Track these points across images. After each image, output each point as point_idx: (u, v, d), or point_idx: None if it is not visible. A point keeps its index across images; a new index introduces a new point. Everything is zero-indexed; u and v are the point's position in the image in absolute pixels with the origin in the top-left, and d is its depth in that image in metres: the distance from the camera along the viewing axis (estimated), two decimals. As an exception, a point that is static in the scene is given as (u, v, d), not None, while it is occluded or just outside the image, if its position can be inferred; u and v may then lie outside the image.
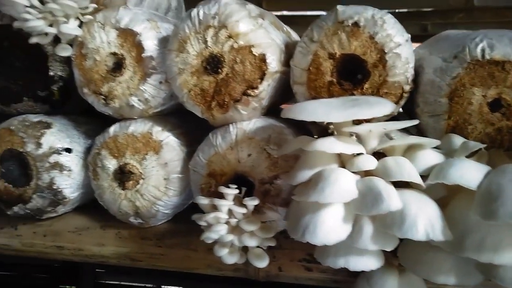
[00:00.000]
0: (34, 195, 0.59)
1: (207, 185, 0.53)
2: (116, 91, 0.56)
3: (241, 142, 0.51)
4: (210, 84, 0.51)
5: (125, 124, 0.58)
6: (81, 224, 0.64)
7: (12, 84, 0.61)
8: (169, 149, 0.56)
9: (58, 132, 0.60)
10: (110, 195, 0.58)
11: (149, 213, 0.58)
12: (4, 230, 0.65)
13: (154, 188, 0.56)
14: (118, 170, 0.57)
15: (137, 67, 0.56)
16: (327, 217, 0.37)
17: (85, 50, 0.56)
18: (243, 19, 0.49)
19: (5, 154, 0.59)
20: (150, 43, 0.55)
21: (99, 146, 0.58)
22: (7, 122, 0.60)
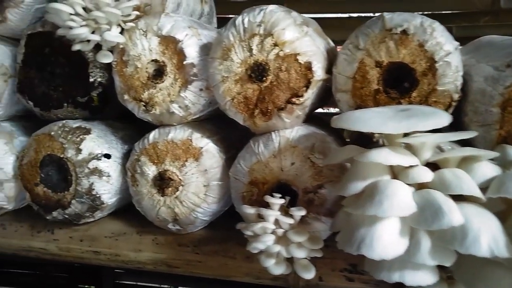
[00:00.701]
0: (73, 200, 0.59)
1: (249, 193, 0.53)
2: (156, 98, 0.56)
3: (284, 151, 0.51)
4: (254, 92, 0.51)
5: (165, 131, 0.58)
6: (117, 229, 0.64)
7: (52, 90, 0.61)
8: (209, 156, 0.56)
9: (97, 138, 0.60)
10: (149, 201, 0.58)
11: (188, 220, 0.57)
12: (41, 234, 0.66)
13: (193, 195, 0.56)
14: (158, 176, 0.57)
15: (178, 74, 0.56)
16: (384, 231, 0.37)
17: (126, 57, 0.56)
18: (289, 27, 0.48)
19: (45, 160, 0.60)
20: (191, 50, 0.55)
21: (139, 152, 0.58)
22: (47, 128, 0.61)
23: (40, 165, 0.60)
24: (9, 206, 0.66)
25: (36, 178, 0.60)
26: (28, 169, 0.61)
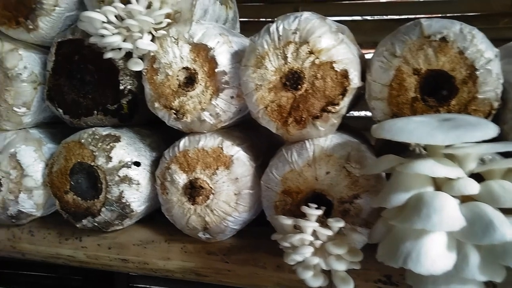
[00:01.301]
0: (103, 208, 0.59)
1: (282, 202, 0.52)
2: (187, 106, 0.56)
3: (319, 160, 0.50)
4: (288, 100, 0.50)
5: (195, 139, 0.57)
6: (145, 237, 0.64)
7: (81, 98, 0.61)
8: (240, 164, 0.56)
9: (126, 146, 0.60)
10: (179, 210, 0.58)
11: (219, 228, 0.57)
12: (69, 241, 0.66)
13: (224, 204, 0.56)
14: (188, 184, 0.57)
15: (209, 82, 0.55)
16: (432, 245, 0.36)
17: (157, 65, 0.56)
18: (325, 35, 0.48)
19: (75, 167, 0.60)
20: (223, 57, 0.55)
21: (169, 160, 0.58)
22: (76, 135, 0.61)
23: (70, 173, 0.60)
24: (37, 213, 0.66)
25: (66, 185, 0.60)
26: (57, 177, 0.61)
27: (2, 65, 0.62)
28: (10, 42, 0.63)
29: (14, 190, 0.63)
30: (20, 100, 0.63)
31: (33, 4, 0.58)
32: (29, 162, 0.63)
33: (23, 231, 0.68)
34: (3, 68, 0.62)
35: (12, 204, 0.64)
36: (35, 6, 0.58)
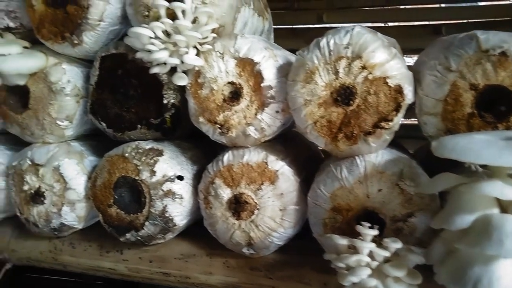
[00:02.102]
0: (146, 222, 0.59)
1: (332, 220, 0.51)
2: (232, 121, 0.56)
3: (371, 176, 0.49)
4: (338, 115, 0.49)
5: (239, 153, 0.57)
6: (187, 250, 0.63)
7: (125, 112, 0.61)
8: (285, 179, 0.55)
9: (169, 159, 0.60)
10: (223, 225, 0.57)
11: (263, 244, 0.56)
12: (110, 254, 0.66)
13: (269, 219, 0.55)
14: (233, 199, 0.56)
15: (254, 96, 0.55)
16: (504, 272, 0.34)
17: (202, 79, 0.56)
18: (378, 49, 0.47)
19: (119, 181, 0.60)
20: (269, 72, 0.54)
21: (213, 174, 0.57)
22: (120, 149, 0.61)
23: (114, 187, 0.60)
24: (79, 226, 0.66)
25: (109, 199, 0.61)
26: (101, 190, 0.61)
27: (47, 79, 0.62)
28: (54, 56, 0.63)
29: (57, 203, 0.64)
30: (63, 114, 0.64)
31: (79, 20, 0.59)
32: (72, 175, 0.63)
33: (64, 243, 0.69)
34: (48, 82, 0.63)
35: (55, 216, 0.64)
36: (81, 21, 0.59)
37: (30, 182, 0.65)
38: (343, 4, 1.79)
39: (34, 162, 0.64)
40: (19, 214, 0.67)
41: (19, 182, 0.66)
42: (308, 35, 1.82)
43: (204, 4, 0.55)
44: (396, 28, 1.71)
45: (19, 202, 0.67)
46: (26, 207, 0.66)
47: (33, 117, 0.64)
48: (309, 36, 1.77)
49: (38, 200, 0.64)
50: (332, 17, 1.80)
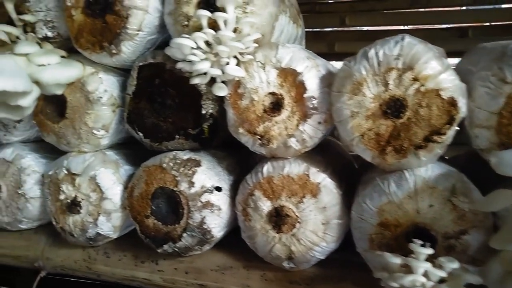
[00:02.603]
0: (184, 234, 0.58)
1: (379, 236, 0.49)
2: (273, 132, 0.54)
3: (421, 191, 0.47)
4: (387, 128, 0.48)
5: (279, 165, 0.56)
6: (223, 262, 0.62)
7: (162, 122, 0.61)
8: (327, 192, 0.54)
9: (207, 170, 0.59)
10: (263, 238, 0.56)
11: (304, 258, 0.55)
12: (145, 264, 0.66)
13: (311, 233, 0.54)
14: (273, 212, 0.55)
15: (296, 107, 0.54)
16: None
17: (242, 90, 0.55)
18: (430, 61, 0.45)
19: (156, 192, 0.59)
20: (312, 82, 0.53)
21: (252, 186, 0.56)
22: (157, 159, 0.60)
23: (151, 197, 0.60)
24: (114, 236, 0.66)
25: (146, 210, 0.60)
26: (138, 201, 0.61)
27: (84, 88, 0.62)
28: (91, 66, 0.63)
29: (93, 213, 0.64)
30: (99, 123, 0.64)
31: (118, 30, 0.58)
32: (108, 184, 0.63)
33: (99, 252, 0.69)
34: (85, 92, 0.62)
35: (91, 226, 0.64)
36: (119, 31, 0.58)
37: (67, 191, 0.65)
38: (365, 7, 1.77)
39: (70, 171, 0.64)
40: (55, 223, 0.67)
41: (55, 191, 0.66)
42: (330, 38, 1.81)
43: (245, 14, 0.54)
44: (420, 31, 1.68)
45: (55, 211, 0.67)
46: (62, 216, 0.66)
47: (70, 127, 0.64)
48: (331, 39, 1.77)
49: (74, 210, 0.64)
50: (355, 20, 1.78)
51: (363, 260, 0.54)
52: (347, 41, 1.72)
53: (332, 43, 1.70)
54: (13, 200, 0.71)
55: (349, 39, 1.73)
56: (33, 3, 0.63)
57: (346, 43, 1.72)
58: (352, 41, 1.73)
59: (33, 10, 0.63)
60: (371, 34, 1.75)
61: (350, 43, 1.72)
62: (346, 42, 1.72)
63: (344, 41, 1.72)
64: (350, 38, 1.73)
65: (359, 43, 1.76)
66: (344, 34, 1.72)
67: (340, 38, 1.71)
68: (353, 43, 1.72)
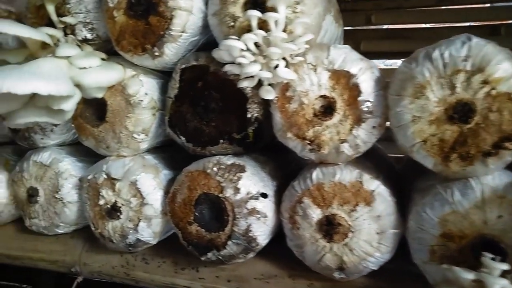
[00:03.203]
0: (229, 241, 0.56)
1: (442, 247, 0.47)
2: (323, 137, 0.52)
3: (489, 201, 0.44)
4: (453, 134, 0.45)
5: (329, 171, 0.53)
6: (267, 270, 0.60)
7: (205, 126, 0.59)
8: (382, 200, 0.51)
9: (252, 176, 0.57)
10: (312, 247, 0.54)
11: (356, 269, 0.53)
12: (185, 271, 0.64)
13: (365, 243, 0.51)
14: (324, 220, 0.53)
15: (349, 111, 0.51)
16: None
17: (291, 93, 0.53)
18: (502, 62, 0.42)
19: (200, 198, 0.58)
20: (366, 85, 0.50)
21: (300, 193, 0.54)
22: (200, 164, 0.59)
23: (194, 204, 0.58)
24: (154, 242, 0.65)
25: (189, 216, 0.58)
26: (180, 207, 0.59)
27: (125, 91, 0.61)
28: (131, 68, 0.62)
29: (133, 219, 0.62)
30: (140, 127, 0.62)
31: (161, 31, 0.57)
32: (149, 190, 0.62)
33: (137, 258, 0.67)
34: (125, 95, 0.61)
35: (131, 232, 0.63)
36: (163, 33, 0.57)
37: (106, 196, 0.63)
38: (392, 5, 1.72)
39: (110, 176, 0.63)
40: (93, 228, 0.66)
41: (94, 196, 0.65)
42: (356, 36, 1.77)
43: (295, 14, 0.52)
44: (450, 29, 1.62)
45: (93, 216, 0.66)
46: (101, 221, 0.65)
47: (110, 130, 0.63)
48: (357, 37, 1.73)
49: (114, 215, 0.63)
50: (381, 18, 1.74)
51: (417, 270, 0.51)
52: (373, 40, 1.68)
53: (358, 42, 1.66)
54: (51, 204, 0.70)
55: (375, 38, 1.69)
56: (73, 5, 0.62)
57: (372, 41, 1.68)
58: (378, 40, 1.69)
59: (73, 12, 0.62)
60: (397, 32, 1.71)
61: (376, 41, 1.68)
62: (372, 40, 1.68)
63: (370, 40, 1.68)
64: (376, 37, 1.69)
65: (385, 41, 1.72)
66: (370, 33, 1.68)
67: (366, 37, 1.67)
68: (379, 42, 1.68)
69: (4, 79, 0.48)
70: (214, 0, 0.55)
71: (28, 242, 0.75)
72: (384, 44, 1.68)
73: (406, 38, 1.74)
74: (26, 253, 0.74)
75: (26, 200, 0.71)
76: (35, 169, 0.70)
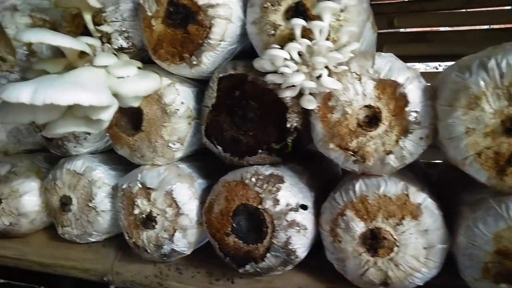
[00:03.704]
0: (268, 254, 0.55)
1: (496, 264, 0.45)
2: (368, 147, 0.51)
3: (549, 218, 0.42)
4: (510, 147, 0.43)
5: (372, 183, 0.52)
6: (304, 283, 0.59)
7: (242, 135, 0.58)
8: (429, 214, 0.50)
9: (291, 187, 0.56)
10: (354, 261, 0.52)
11: (401, 284, 0.51)
12: (219, 282, 0.63)
13: (412, 258, 0.50)
14: (368, 234, 0.51)
15: (394, 121, 0.50)
16: None
17: (333, 103, 0.52)
18: None
19: (238, 209, 0.57)
20: (414, 95, 0.49)
21: (343, 205, 0.53)
22: (237, 174, 0.58)
23: (232, 215, 0.57)
24: (188, 252, 0.64)
25: (227, 227, 0.57)
26: (217, 218, 0.58)
27: (161, 100, 0.60)
28: (167, 77, 0.61)
29: (169, 229, 0.62)
30: (175, 136, 0.62)
31: (200, 40, 0.56)
32: (184, 200, 0.61)
33: (170, 268, 0.67)
34: (162, 104, 0.60)
35: (166, 242, 0.62)
36: (202, 42, 0.56)
37: (141, 206, 0.63)
38: (416, 8, 1.69)
39: (145, 185, 0.62)
40: (127, 237, 0.66)
41: (129, 205, 0.64)
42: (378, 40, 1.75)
43: (338, 22, 0.50)
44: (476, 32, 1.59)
45: (128, 225, 0.65)
46: (136, 231, 0.64)
47: (145, 140, 0.62)
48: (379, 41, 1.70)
49: (149, 225, 0.62)
50: (404, 21, 1.71)
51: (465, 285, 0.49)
52: (396, 43, 1.66)
53: (381, 45, 1.64)
54: (84, 213, 0.70)
55: (398, 41, 1.66)
56: (109, 14, 0.62)
57: (395, 45, 1.65)
58: (401, 43, 1.66)
59: (109, 20, 0.62)
60: (420, 35, 1.68)
61: (399, 45, 1.66)
62: (395, 44, 1.65)
63: (392, 43, 1.66)
64: (399, 40, 1.67)
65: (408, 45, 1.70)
66: (392, 36, 1.66)
67: (389, 40, 1.65)
68: (402, 45, 1.66)
69: (47, 90, 0.48)
70: (254, 8, 0.54)
71: (59, 250, 0.75)
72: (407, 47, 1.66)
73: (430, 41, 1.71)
74: (58, 261, 0.74)
75: (59, 208, 0.71)
76: (68, 178, 0.70)
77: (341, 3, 0.49)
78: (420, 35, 1.71)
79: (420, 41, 1.73)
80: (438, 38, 1.67)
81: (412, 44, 1.67)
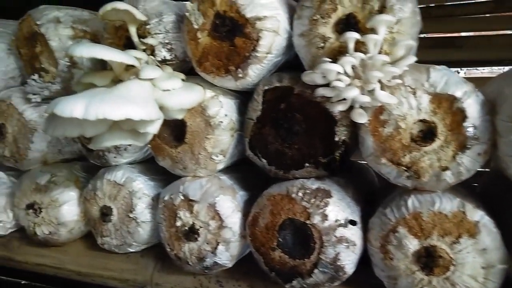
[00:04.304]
0: (316, 270, 0.54)
1: None
2: (422, 163, 0.49)
3: None
4: None
5: (426, 199, 0.51)
6: (350, 300, 0.58)
7: (287, 148, 0.57)
8: (487, 232, 0.48)
9: (339, 201, 0.55)
10: (407, 279, 0.51)
11: (458, 304, 0.49)
12: (261, 296, 0.62)
13: (469, 278, 0.48)
14: (422, 252, 0.50)
15: (451, 136, 0.49)
16: None
17: (386, 116, 0.51)
18: None
19: (284, 224, 0.56)
20: (473, 109, 0.47)
21: (395, 222, 0.52)
22: (283, 188, 0.57)
23: (278, 229, 0.56)
24: (230, 265, 0.63)
25: (272, 242, 0.57)
26: (262, 232, 0.57)
27: (205, 112, 0.60)
28: (211, 89, 0.61)
29: (211, 241, 0.61)
30: (218, 148, 0.61)
31: (247, 53, 0.55)
32: (228, 212, 0.60)
33: (211, 281, 0.66)
34: (206, 116, 0.60)
35: (209, 255, 0.61)
36: (249, 54, 0.55)
37: (184, 218, 0.62)
38: (441, 12, 1.66)
39: (187, 197, 0.62)
40: (169, 249, 0.65)
41: (171, 217, 0.64)
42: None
43: (391, 34, 0.49)
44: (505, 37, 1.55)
45: (169, 237, 0.65)
46: (177, 243, 0.64)
47: (189, 152, 0.62)
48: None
49: (191, 237, 0.62)
50: (429, 27, 1.68)
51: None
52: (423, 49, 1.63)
53: (407, 51, 1.62)
54: (124, 223, 0.70)
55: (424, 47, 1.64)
56: (153, 26, 0.62)
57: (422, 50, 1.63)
58: (428, 49, 1.64)
59: (153, 32, 0.62)
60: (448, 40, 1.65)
61: (426, 50, 1.63)
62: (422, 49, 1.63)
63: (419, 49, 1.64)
64: (426, 46, 1.64)
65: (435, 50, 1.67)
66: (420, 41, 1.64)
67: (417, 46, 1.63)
68: (429, 51, 1.63)
69: (100, 105, 0.48)
70: (302, 20, 0.54)
71: (97, 259, 0.75)
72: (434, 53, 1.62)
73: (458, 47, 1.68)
74: (96, 270, 0.75)
75: (99, 218, 0.72)
76: (108, 188, 0.70)
77: (396, 15, 0.48)
78: (448, 40, 1.69)
79: (449, 47, 1.70)
80: (467, 44, 1.64)
81: (439, 50, 1.64)
